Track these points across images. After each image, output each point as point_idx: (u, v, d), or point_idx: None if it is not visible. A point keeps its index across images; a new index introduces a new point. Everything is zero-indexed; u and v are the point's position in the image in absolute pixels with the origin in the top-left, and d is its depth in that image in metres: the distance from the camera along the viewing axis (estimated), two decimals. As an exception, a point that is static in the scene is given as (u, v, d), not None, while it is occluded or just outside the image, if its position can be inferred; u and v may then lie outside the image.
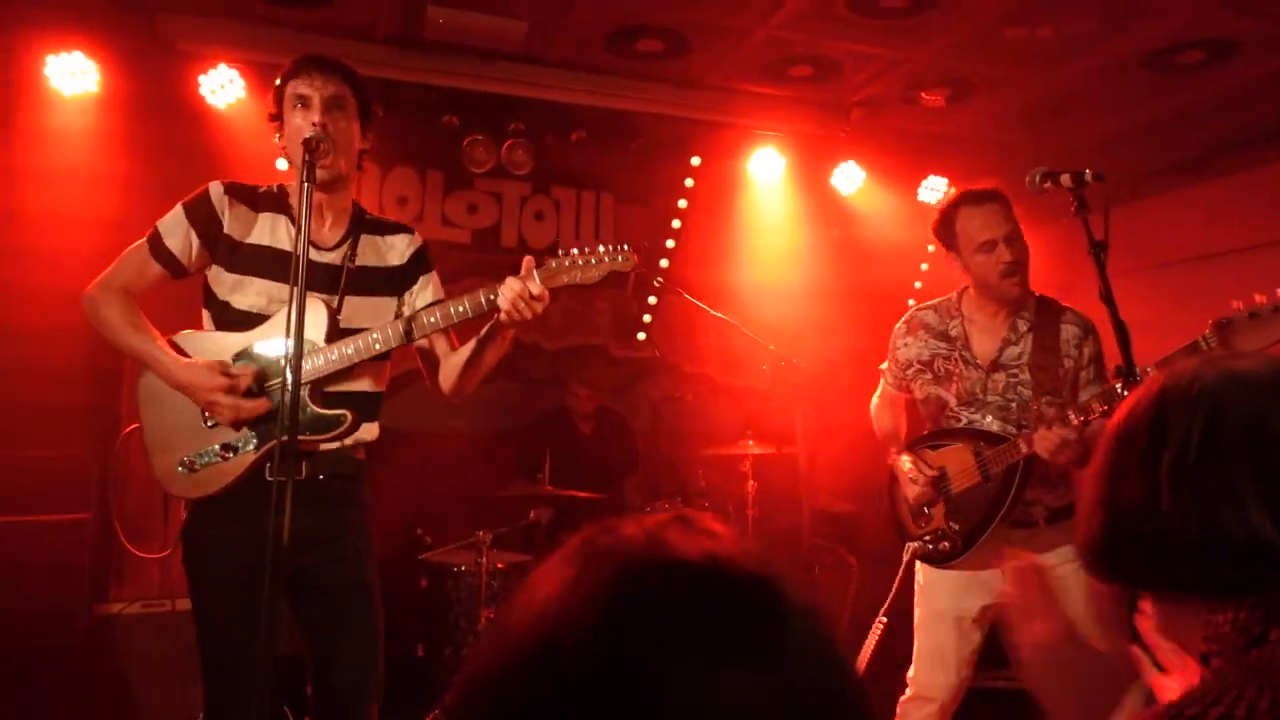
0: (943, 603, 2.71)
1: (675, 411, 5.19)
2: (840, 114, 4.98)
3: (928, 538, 2.71)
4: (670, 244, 5.54)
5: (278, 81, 2.25)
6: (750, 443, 4.43)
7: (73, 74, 4.00)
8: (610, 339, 5.69)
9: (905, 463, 2.77)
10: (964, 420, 2.70)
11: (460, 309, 2.16)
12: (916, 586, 2.82)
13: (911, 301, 5.98)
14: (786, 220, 5.40)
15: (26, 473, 3.54)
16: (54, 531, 3.50)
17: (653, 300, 5.55)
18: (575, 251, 2.14)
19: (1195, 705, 0.76)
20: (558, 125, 4.89)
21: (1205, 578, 0.85)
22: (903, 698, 2.79)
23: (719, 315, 4.84)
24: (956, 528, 2.65)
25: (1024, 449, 2.47)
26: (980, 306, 2.72)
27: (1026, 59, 4.24)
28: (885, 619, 2.88)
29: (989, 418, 2.64)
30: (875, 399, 3.04)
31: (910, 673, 2.79)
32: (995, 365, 2.65)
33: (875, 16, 3.87)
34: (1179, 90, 4.52)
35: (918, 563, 2.80)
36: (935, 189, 5.48)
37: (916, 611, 2.80)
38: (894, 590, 2.83)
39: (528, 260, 2.13)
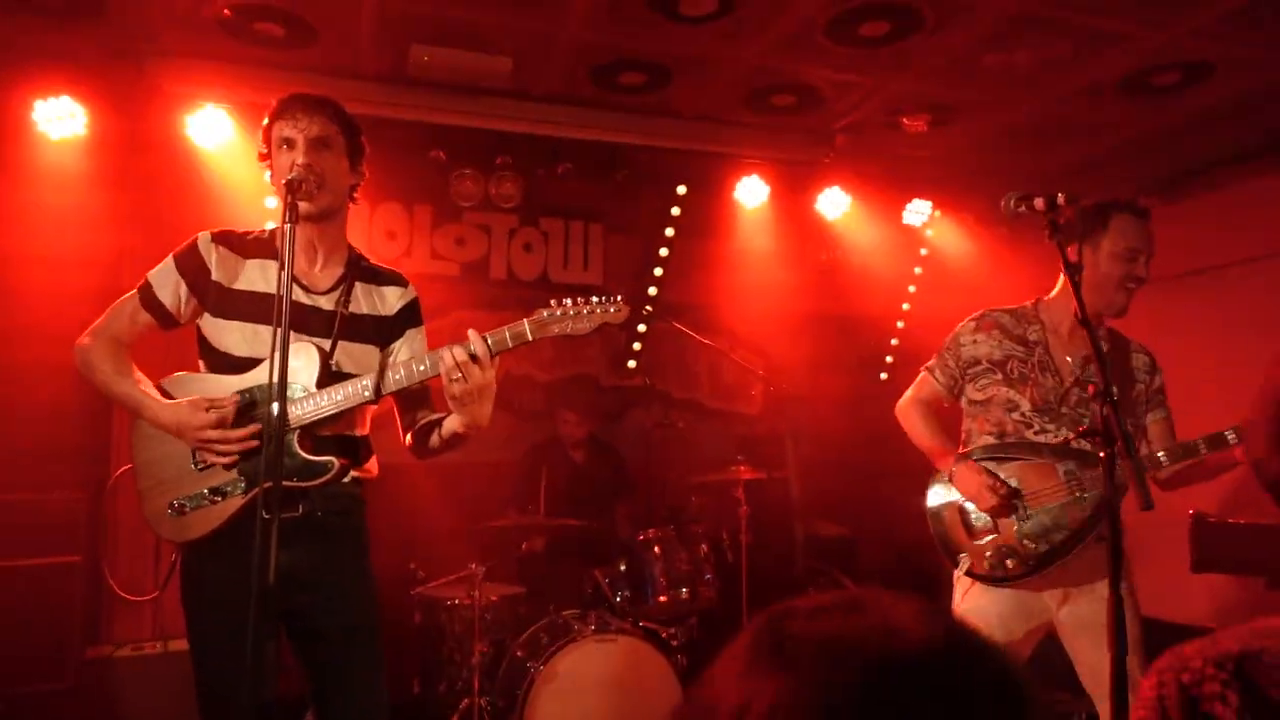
0: (993, 620, 2.57)
1: (667, 438, 5.20)
2: (824, 140, 5.04)
3: (989, 554, 2.56)
4: (659, 272, 5.57)
5: (265, 121, 2.27)
6: (742, 468, 4.43)
7: (60, 118, 4.04)
8: (602, 368, 5.71)
9: (968, 468, 2.61)
10: (1036, 427, 2.59)
11: (420, 368, 2.15)
12: (956, 607, 2.68)
13: (900, 324, 6.06)
14: (773, 246, 5.45)
15: (16, 515, 3.53)
16: (45, 575, 3.49)
17: (643, 329, 5.58)
18: (568, 303, 2.13)
19: None
20: (544, 158, 4.94)
21: None
22: None
23: (708, 342, 4.87)
24: (1032, 547, 2.52)
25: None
26: (1064, 320, 2.65)
27: (1005, 84, 4.31)
28: None
29: (1063, 429, 2.57)
30: (908, 400, 2.86)
31: None
32: (1076, 380, 2.59)
33: (854, 45, 3.93)
34: (1155, 112, 4.59)
35: (967, 584, 2.66)
36: (920, 212, 5.55)
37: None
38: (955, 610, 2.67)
39: (471, 332, 2.10)
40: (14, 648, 3.35)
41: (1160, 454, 2.51)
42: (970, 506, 2.62)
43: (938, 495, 2.72)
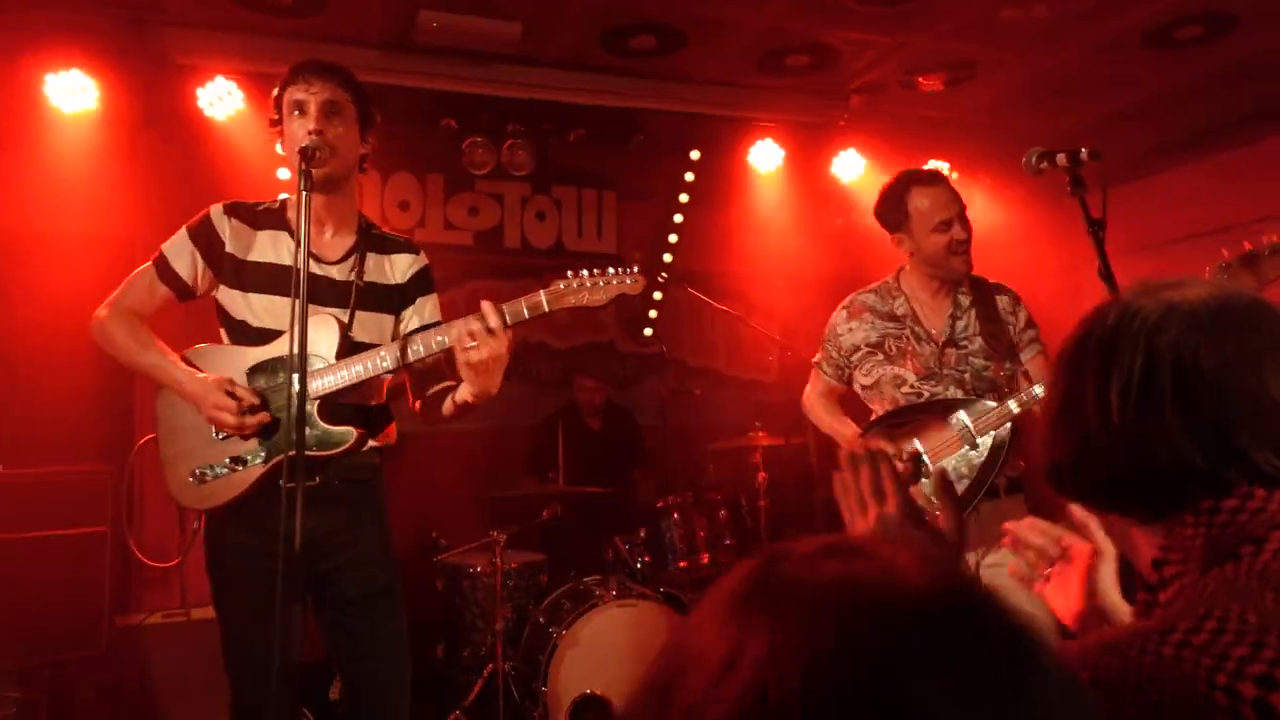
0: None
1: (684, 405, 5.20)
2: (839, 102, 4.97)
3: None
4: (673, 239, 5.54)
5: (276, 89, 2.26)
6: (759, 434, 4.43)
7: (72, 91, 4.03)
8: (617, 335, 5.71)
9: (868, 440, 2.70)
10: (924, 394, 2.70)
11: (439, 339, 2.15)
12: None
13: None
14: (789, 210, 5.40)
15: (43, 488, 3.57)
16: (74, 545, 3.53)
17: (658, 296, 5.56)
18: (585, 274, 2.13)
19: (1186, 621, 0.77)
20: (556, 125, 4.90)
21: (1146, 501, 0.91)
22: None
23: (724, 308, 4.85)
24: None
25: (1014, 409, 2.51)
26: (923, 285, 2.78)
27: (1024, 40, 4.23)
28: None
29: (950, 389, 2.67)
30: (807, 395, 3.02)
31: None
32: (949, 340, 2.71)
33: (870, 3, 3.86)
34: (1178, 66, 4.50)
35: None
36: (937, 173, 5.48)
37: None
38: None
39: (485, 303, 2.10)
40: (47, 617, 3.41)
41: (1037, 388, 2.52)
42: None
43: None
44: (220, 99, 4.21)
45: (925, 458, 2.65)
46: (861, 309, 2.84)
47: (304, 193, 1.99)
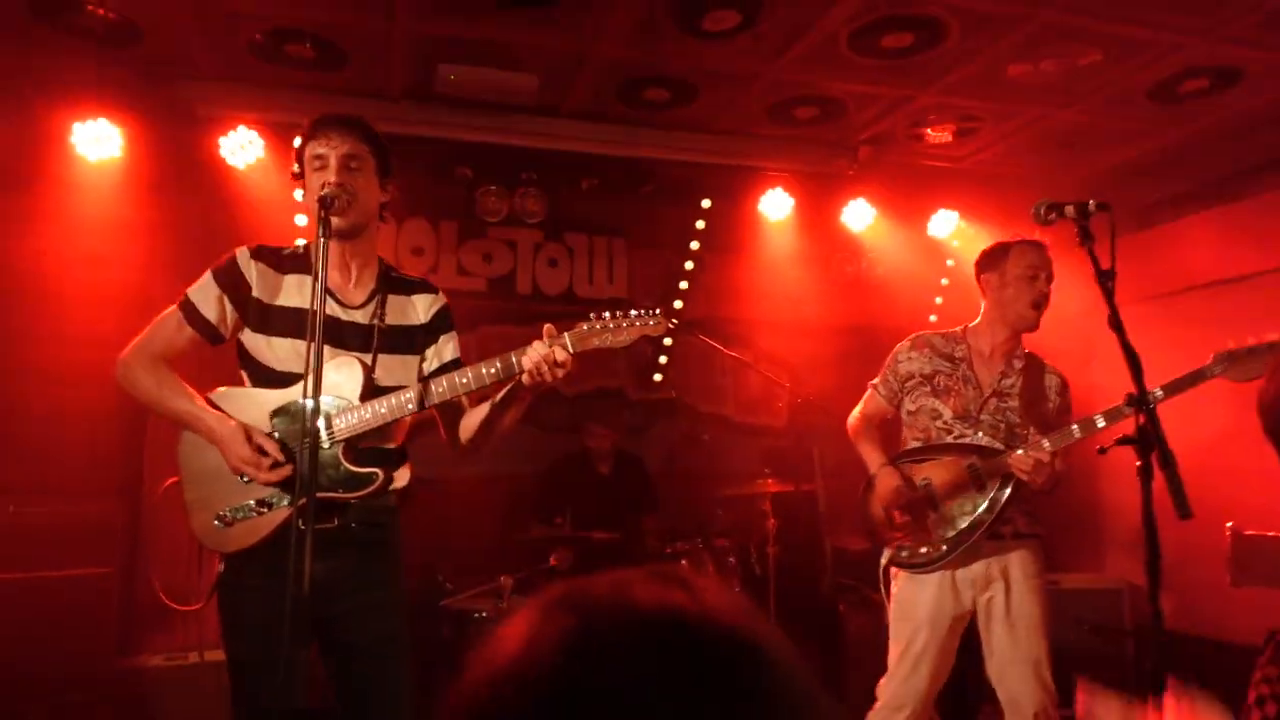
0: (921, 609, 2.88)
1: (693, 452, 5.19)
2: (848, 152, 5.04)
3: (908, 544, 2.90)
4: (684, 285, 5.58)
5: (298, 142, 2.31)
6: (769, 481, 4.42)
7: (97, 140, 4.12)
8: (628, 382, 5.72)
9: (886, 474, 2.98)
10: (956, 432, 2.92)
11: (491, 370, 2.17)
12: (891, 597, 3.00)
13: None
14: (798, 259, 5.45)
15: (52, 528, 3.59)
16: (77, 586, 3.54)
17: (668, 342, 5.58)
18: (607, 315, 2.16)
19: None
20: (569, 173, 4.98)
21: None
22: (870, 712, 2.94)
23: (734, 355, 4.87)
24: (941, 533, 2.86)
25: (1024, 466, 2.74)
26: (986, 340, 3.01)
27: (1031, 93, 4.29)
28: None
29: (980, 434, 2.89)
30: (856, 414, 3.20)
31: (881, 683, 2.96)
32: (994, 392, 2.94)
33: (877, 57, 3.93)
34: (1184, 119, 4.55)
35: (895, 575, 2.98)
36: (946, 222, 5.52)
37: (891, 624, 2.97)
38: (886, 595, 3.01)
39: (548, 326, 2.14)
40: (48, 658, 3.40)
41: (1045, 442, 2.72)
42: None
43: (869, 495, 3.04)
44: (242, 148, 4.30)
45: (935, 492, 2.89)
46: (924, 344, 3.07)
47: (322, 239, 2.03)
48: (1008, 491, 2.78)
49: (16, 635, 3.33)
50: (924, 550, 2.86)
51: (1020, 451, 2.74)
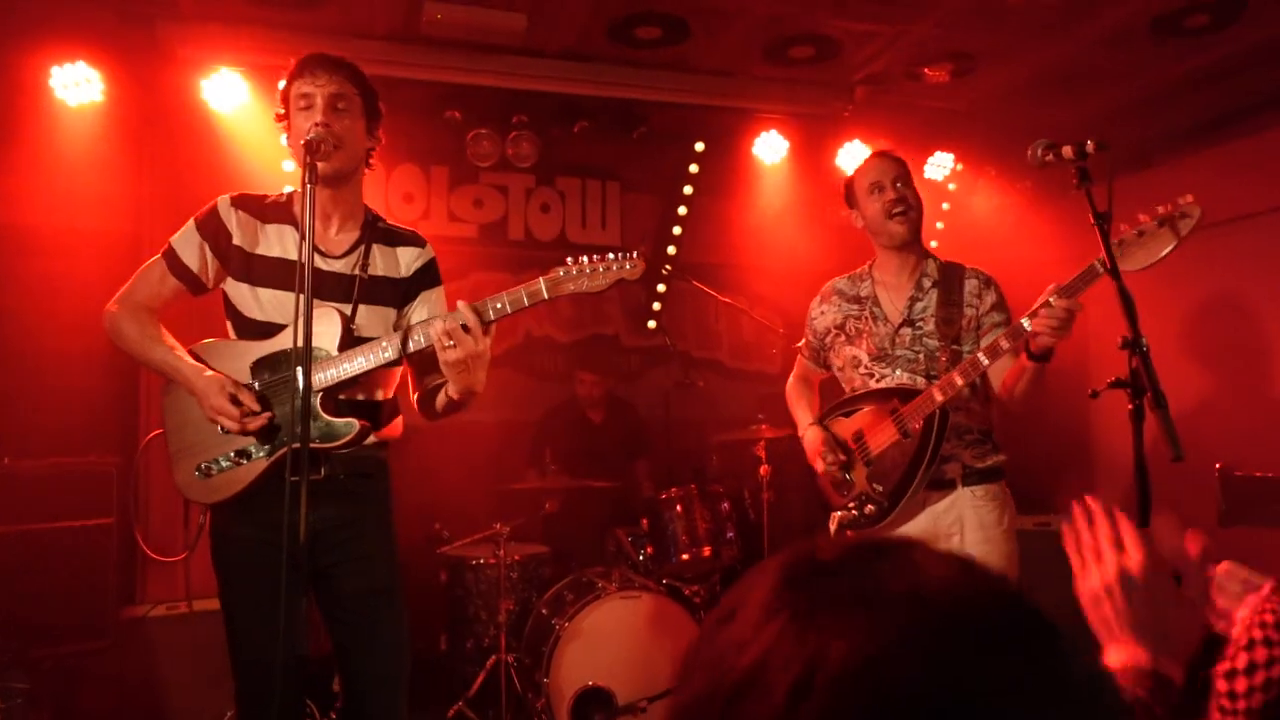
0: None
1: (687, 398, 5.19)
2: (843, 93, 4.95)
3: (852, 505, 2.73)
4: (677, 231, 5.53)
5: (282, 83, 2.26)
6: (763, 426, 4.43)
7: (76, 84, 4.03)
8: (622, 328, 5.70)
9: (811, 435, 2.83)
10: (876, 375, 2.75)
11: (430, 333, 2.13)
12: None
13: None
14: (793, 202, 5.39)
15: (50, 480, 3.59)
16: (80, 536, 3.55)
17: (662, 288, 5.55)
18: (584, 260, 2.14)
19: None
20: (560, 116, 4.89)
21: None
22: None
23: (728, 301, 4.85)
24: (880, 489, 2.67)
25: (938, 397, 2.52)
26: (886, 266, 2.82)
27: (1030, 29, 4.20)
28: None
29: (898, 371, 2.70)
30: (790, 380, 3.09)
31: None
32: (904, 321, 2.73)
33: (873, -7, 3.84)
34: (1186, 55, 4.46)
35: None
36: (943, 165, 5.46)
37: None
38: None
39: (460, 303, 2.10)
40: (53, 608, 3.43)
41: (980, 354, 2.46)
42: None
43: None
44: (224, 91, 4.21)
45: (868, 446, 2.71)
46: (831, 293, 2.93)
47: (309, 186, 1.99)
48: (933, 435, 2.54)
49: (18, 586, 3.36)
50: (869, 510, 2.68)
51: (935, 390, 2.51)
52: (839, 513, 2.76)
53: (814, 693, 0.47)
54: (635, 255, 2.15)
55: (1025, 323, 2.35)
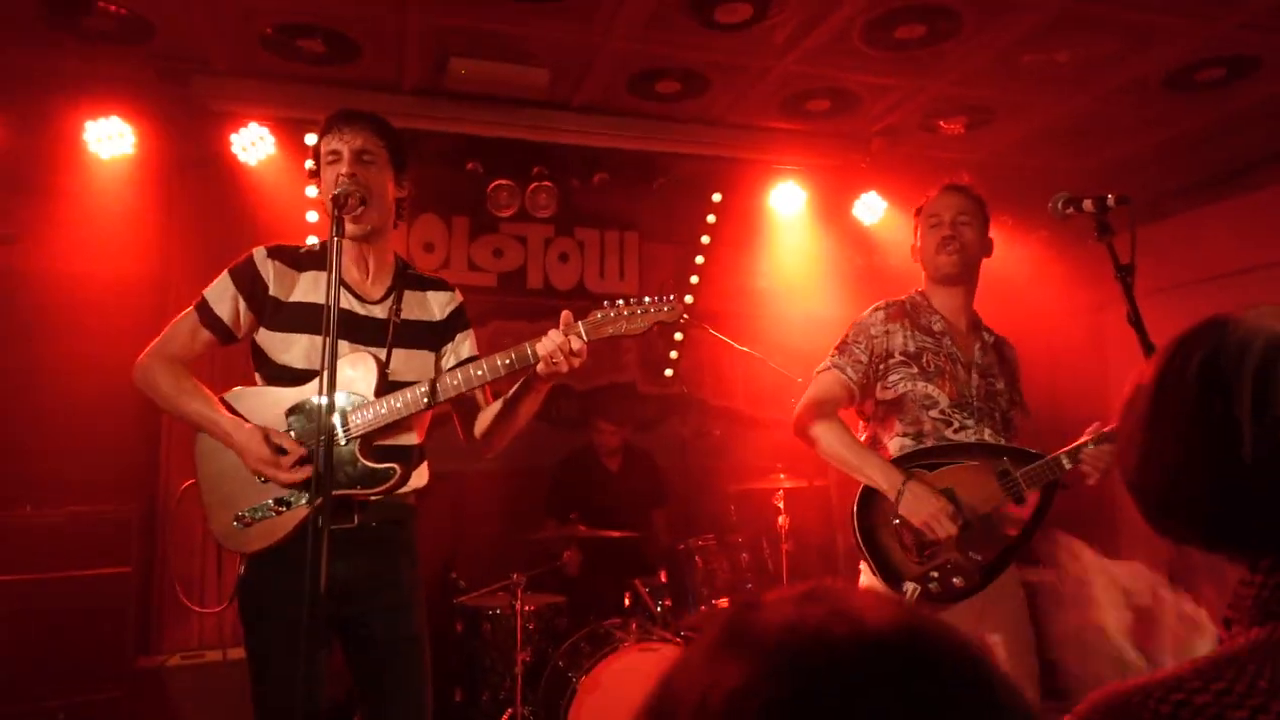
0: None
1: (705, 447, 5.18)
2: (860, 145, 5.01)
3: (935, 574, 2.35)
4: (695, 280, 5.57)
5: (312, 139, 2.31)
6: (781, 476, 4.40)
7: (110, 137, 4.13)
8: (639, 376, 5.71)
9: (917, 489, 2.34)
10: (955, 425, 2.46)
11: (505, 361, 2.16)
12: None
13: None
14: (810, 252, 5.42)
15: (68, 529, 3.60)
16: (96, 585, 3.55)
17: (679, 336, 5.57)
18: (621, 303, 2.15)
19: (1196, 680, 0.75)
20: (580, 167, 4.97)
21: (1240, 529, 0.84)
22: None
23: (745, 349, 4.85)
24: (978, 559, 2.34)
25: (1067, 465, 2.32)
26: (944, 304, 2.62)
27: (1045, 83, 4.25)
28: None
29: (984, 426, 2.47)
30: (809, 406, 2.54)
31: None
32: (979, 371, 2.56)
33: (890, 49, 3.91)
34: (1200, 109, 4.51)
35: None
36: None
37: None
38: None
39: (566, 314, 2.14)
40: (68, 657, 3.42)
41: (1089, 444, 2.33)
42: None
43: (872, 515, 2.42)
44: (253, 144, 4.30)
45: (962, 508, 2.35)
46: (900, 314, 2.58)
47: (335, 238, 2.02)
48: (1049, 502, 2.34)
49: (36, 634, 3.35)
50: (956, 580, 2.33)
51: (1063, 457, 2.32)
52: (913, 584, 2.34)
53: (708, 708, 0.51)
54: (672, 299, 2.16)
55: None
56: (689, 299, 5.55)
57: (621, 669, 3.56)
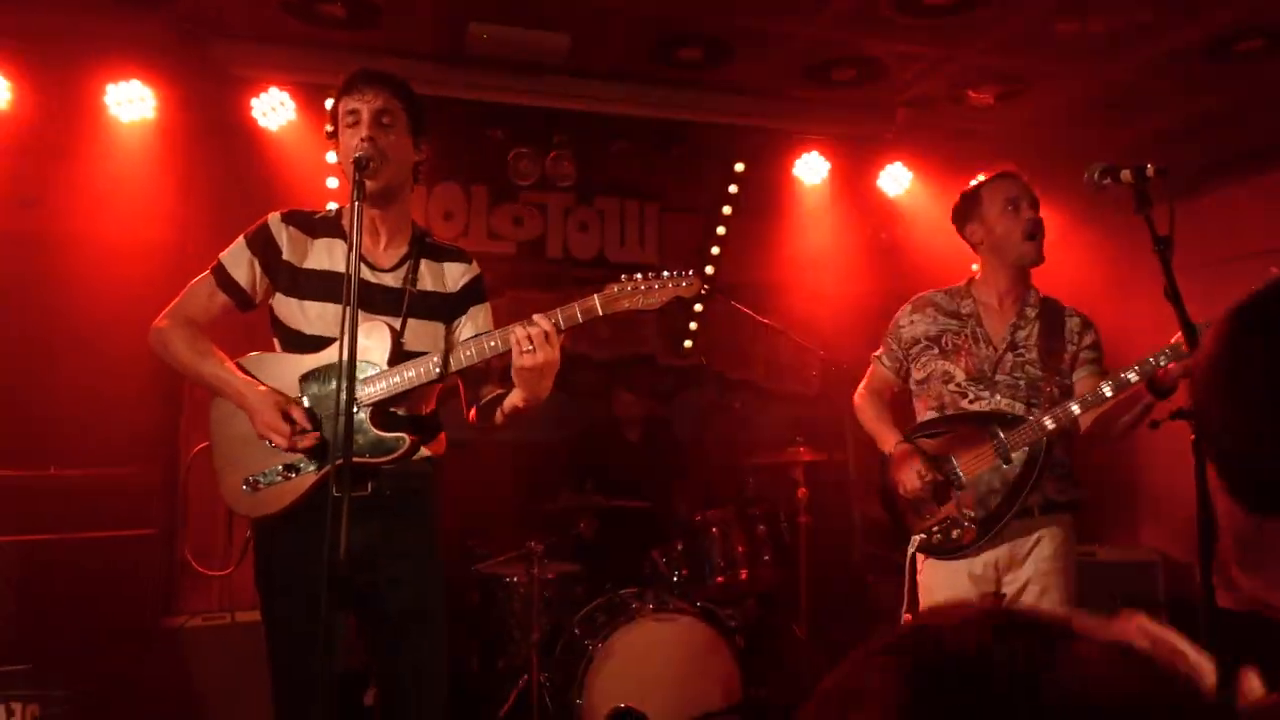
0: (938, 593, 2.68)
1: (723, 419, 5.16)
2: (885, 115, 4.92)
3: (936, 529, 2.65)
4: (716, 251, 5.52)
5: (331, 101, 2.28)
6: (800, 449, 4.38)
7: (130, 101, 4.12)
8: (658, 348, 5.69)
9: (902, 450, 2.70)
10: (970, 396, 2.69)
11: (492, 344, 2.15)
12: (918, 583, 2.76)
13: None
14: (833, 224, 5.36)
15: (93, 489, 3.64)
16: (121, 546, 3.59)
17: (699, 308, 5.54)
18: (639, 276, 2.12)
19: None
20: (601, 136, 4.91)
21: None
22: None
23: (766, 322, 4.81)
24: (973, 515, 2.61)
25: (1049, 425, 2.52)
26: (993, 286, 2.78)
27: (1079, 53, 4.15)
28: (909, 615, 2.81)
29: (997, 396, 2.66)
30: (860, 390, 2.97)
31: None
32: (1007, 346, 2.70)
33: (920, 15, 3.82)
34: (1238, 80, 4.38)
35: (920, 558, 2.74)
36: (985, 188, 5.39)
37: (913, 613, 2.76)
38: (907, 588, 2.78)
39: (537, 316, 2.10)
40: (93, 617, 3.46)
41: (1074, 406, 2.51)
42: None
43: (887, 478, 2.77)
44: (273, 109, 4.29)
45: (959, 470, 2.64)
46: (926, 304, 2.84)
47: (356, 202, 2.01)
48: (1038, 463, 2.54)
49: (59, 595, 3.40)
50: (955, 534, 2.62)
51: (1046, 418, 2.53)
52: (919, 535, 2.68)
53: None
54: (690, 273, 2.13)
55: (1161, 358, 2.36)
56: (709, 270, 5.51)
57: (637, 638, 3.58)
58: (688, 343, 5.63)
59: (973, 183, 2.85)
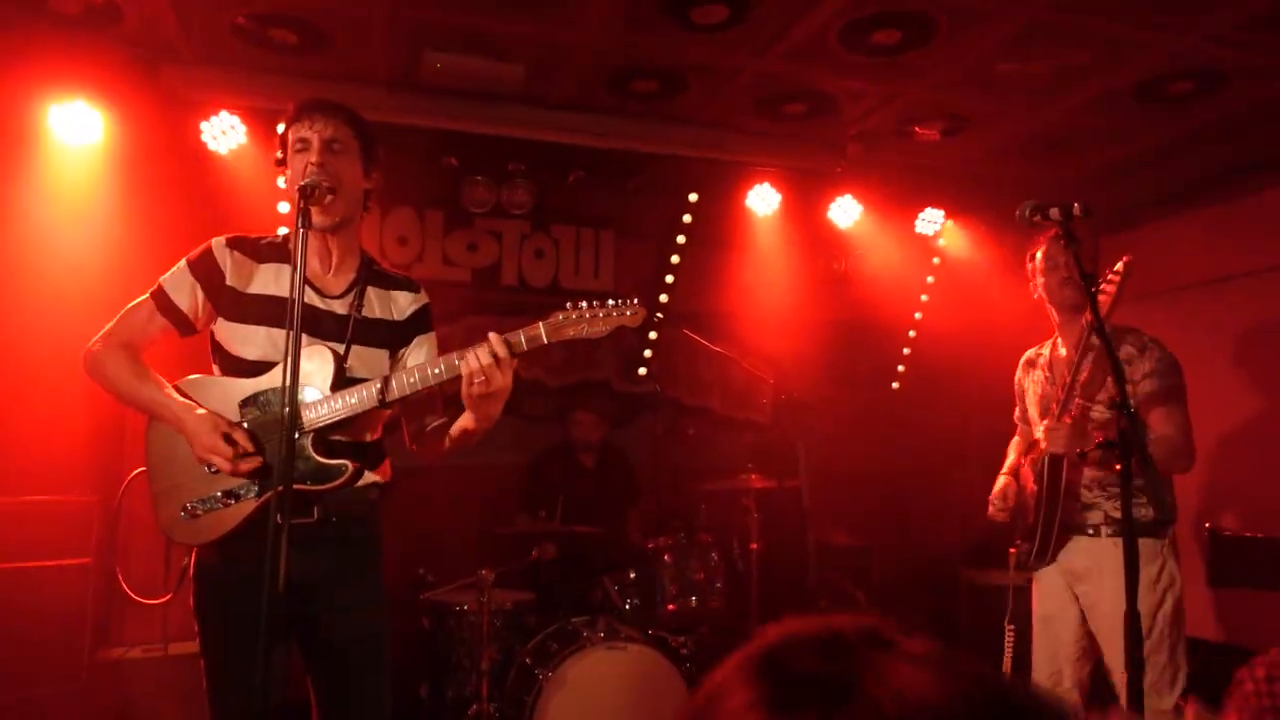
0: (1039, 605, 3.05)
1: (677, 446, 5.18)
2: (836, 149, 5.03)
3: (1023, 544, 3.02)
4: (670, 279, 5.57)
5: (281, 127, 2.27)
6: (753, 476, 4.41)
7: (76, 123, 4.05)
8: (613, 374, 5.70)
9: (1000, 480, 3.19)
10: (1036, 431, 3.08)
11: (436, 371, 2.14)
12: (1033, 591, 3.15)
13: (911, 333, 6.04)
14: (785, 254, 5.44)
15: (29, 518, 3.54)
16: (57, 576, 3.50)
17: (653, 335, 5.57)
18: (584, 305, 2.13)
19: None
20: (557, 165, 4.95)
21: None
22: None
23: (719, 350, 4.86)
24: (1031, 531, 2.99)
25: (1043, 447, 2.88)
26: (1065, 333, 3.10)
27: (1019, 93, 4.30)
28: (1012, 625, 3.12)
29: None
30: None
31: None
32: (1072, 382, 2.93)
33: (867, 54, 3.92)
34: (1171, 121, 4.57)
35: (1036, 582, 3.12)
36: (933, 221, 5.53)
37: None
38: (1010, 597, 3.11)
39: (493, 335, 2.10)
40: (27, 648, 3.36)
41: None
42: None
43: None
44: (224, 133, 4.24)
45: (1024, 490, 3.06)
46: (1023, 361, 3.32)
47: (301, 230, 2.00)
48: (1044, 480, 2.85)
49: (-11, 625, 3.29)
50: (1025, 547, 3.00)
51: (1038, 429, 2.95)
52: (1014, 549, 3.09)
53: None
54: (635, 302, 2.14)
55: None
56: (664, 298, 5.55)
57: (588, 667, 3.56)
58: (642, 369, 5.66)
59: (1030, 251, 3.19)
